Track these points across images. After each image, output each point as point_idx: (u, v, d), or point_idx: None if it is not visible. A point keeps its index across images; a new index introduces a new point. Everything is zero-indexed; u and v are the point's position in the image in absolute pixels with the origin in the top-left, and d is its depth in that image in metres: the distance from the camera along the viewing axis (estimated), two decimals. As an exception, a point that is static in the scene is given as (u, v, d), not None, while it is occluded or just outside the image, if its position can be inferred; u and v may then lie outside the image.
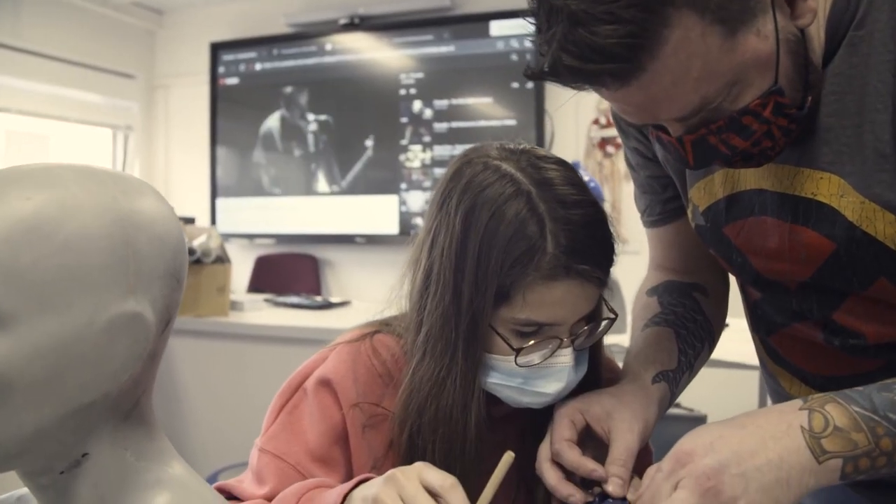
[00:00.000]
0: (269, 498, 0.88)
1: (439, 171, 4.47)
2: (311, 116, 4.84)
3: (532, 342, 0.84)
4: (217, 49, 5.10)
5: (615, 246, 0.86)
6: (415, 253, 0.93)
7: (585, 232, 0.83)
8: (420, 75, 4.54)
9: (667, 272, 1.08)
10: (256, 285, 4.83)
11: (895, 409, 0.72)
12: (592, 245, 0.83)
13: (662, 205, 1.06)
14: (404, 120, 4.58)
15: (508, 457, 0.76)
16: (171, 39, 5.42)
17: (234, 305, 3.12)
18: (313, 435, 0.91)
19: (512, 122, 4.28)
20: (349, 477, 0.91)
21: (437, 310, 0.87)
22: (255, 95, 5.00)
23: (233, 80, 5.08)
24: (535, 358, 0.85)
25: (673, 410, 2.53)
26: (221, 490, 0.91)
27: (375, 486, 0.76)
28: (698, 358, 0.98)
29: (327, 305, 3.37)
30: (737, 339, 1.41)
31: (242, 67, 5.05)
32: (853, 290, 0.83)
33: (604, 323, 0.89)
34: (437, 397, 0.86)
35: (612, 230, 0.86)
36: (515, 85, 4.28)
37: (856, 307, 0.85)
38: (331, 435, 0.91)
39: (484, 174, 0.86)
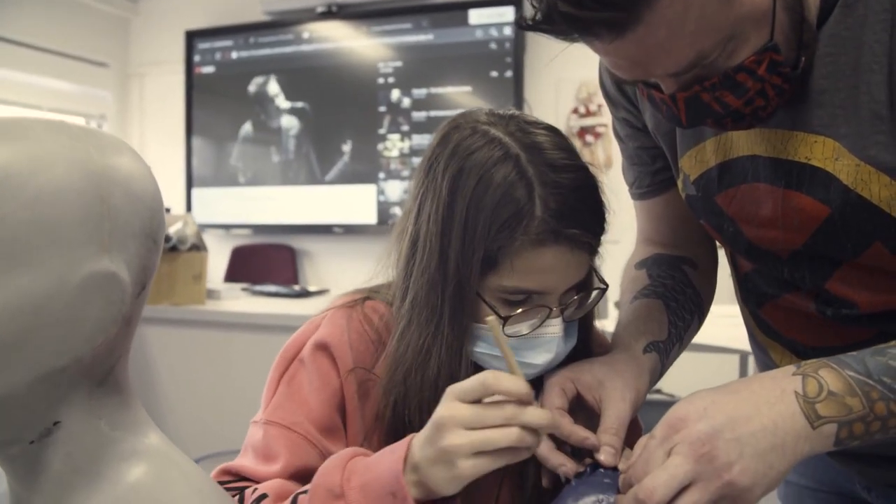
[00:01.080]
0: (285, 474, 0.84)
1: (418, 161, 4.42)
2: (287, 106, 4.79)
3: (520, 311, 0.82)
4: (192, 37, 5.03)
5: (606, 213, 0.84)
6: (402, 221, 0.90)
7: (575, 196, 0.81)
8: (398, 64, 4.51)
9: (655, 245, 1.07)
10: (233, 276, 4.78)
11: (889, 373, 0.71)
12: (582, 209, 0.81)
13: (651, 176, 1.04)
14: (382, 109, 4.54)
15: (490, 322, 0.73)
16: (146, 27, 5.34)
17: (211, 294, 3.08)
18: (316, 403, 0.88)
19: (491, 111, 4.24)
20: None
21: (422, 276, 0.85)
22: (232, 84, 4.94)
23: (209, 69, 5.01)
24: (523, 328, 0.83)
25: (653, 396, 2.54)
26: (228, 472, 0.87)
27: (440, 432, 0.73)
28: (688, 331, 0.97)
29: (305, 294, 3.33)
30: (717, 324, 1.40)
31: (218, 56, 4.99)
32: (846, 258, 0.82)
33: (594, 293, 0.87)
34: (422, 366, 0.84)
35: (602, 196, 0.84)
36: (494, 73, 4.26)
37: (848, 275, 0.84)
38: (332, 402, 0.89)
39: (472, 139, 0.84)
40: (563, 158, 0.82)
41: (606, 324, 1.05)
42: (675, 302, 0.97)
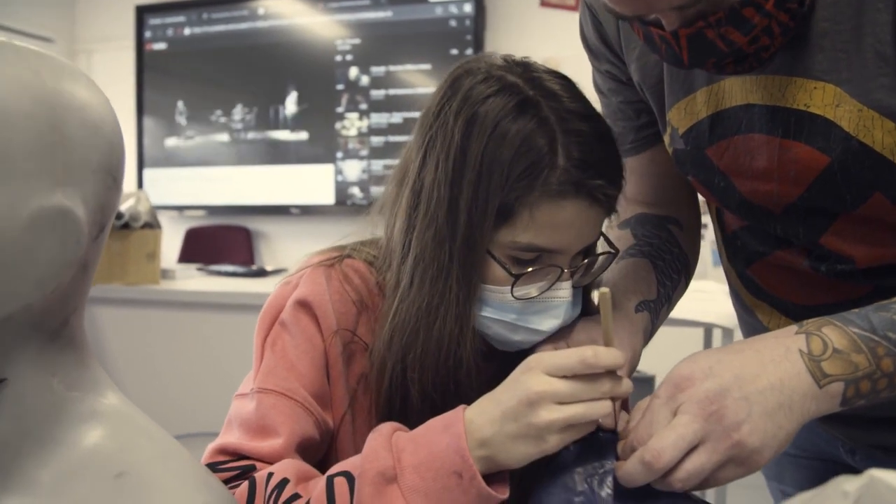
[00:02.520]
0: (289, 447, 0.77)
1: (377, 140, 4.38)
2: (243, 84, 4.67)
3: (531, 269, 0.77)
4: (143, 12, 4.87)
5: (623, 166, 0.80)
6: (400, 170, 0.84)
7: (598, 145, 0.77)
8: (356, 41, 4.42)
9: (638, 205, 1.03)
10: (187, 259, 4.66)
11: (895, 329, 0.68)
12: (605, 159, 0.77)
13: (635, 132, 1.00)
14: (340, 87, 4.45)
15: (603, 294, 0.69)
16: (94, 1, 5.16)
17: (165, 274, 2.98)
18: (304, 367, 0.82)
19: (451, 90, 4.19)
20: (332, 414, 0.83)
21: (428, 230, 0.78)
22: (185, 62, 4.80)
23: (160, 46, 4.87)
24: (532, 290, 0.78)
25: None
26: (224, 451, 0.78)
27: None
28: (676, 291, 0.94)
29: (262, 273, 3.26)
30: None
31: (170, 32, 4.84)
32: (844, 210, 0.79)
33: (603, 258, 0.83)
34: (427, 328, 0.78)
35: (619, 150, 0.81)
36: (455, 51, 4.20)
37: (845, 229, 0.81)
38: (318, 365, 0.82)
39: (487, 84, 0.78)
40: (583, 108, 0.78)
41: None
42: (661, 261, 0.93)
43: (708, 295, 2.34)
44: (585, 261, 0.81)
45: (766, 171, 0.81)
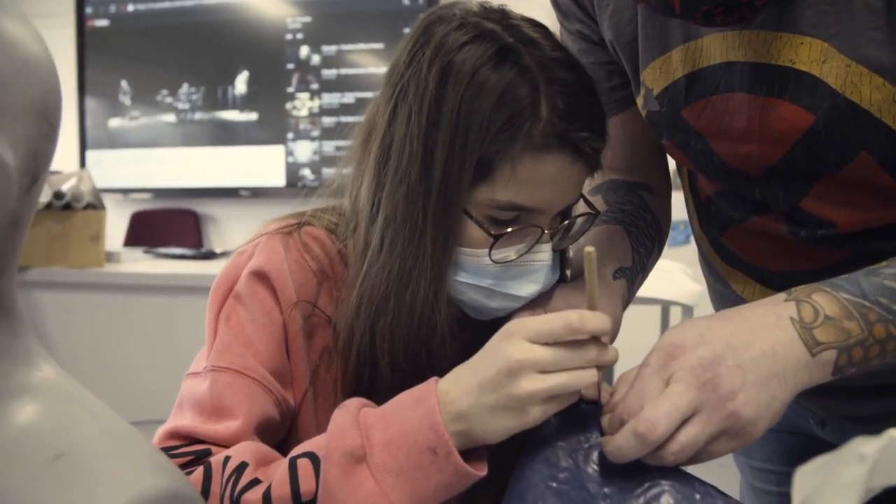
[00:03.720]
0: (247, 429, 0.72)
1: (328, 121, 4.30)
2: (190, 63, 4.54)
3: (510, 230, 0.73)
4: (84, -13, 4.70)
5: (607, 119, 0.76)
6: (366, 126, 0.79)
7: (584, 96, 0.73)
8: (307, 19, 4.32)
9: (609, 171, 0.99)
10: (133, 243, 4.52)
11: (885, 294, 0.66)
12: (590, 111, 0.73)
13: (607, 94, 0.96)
14: (290, 66, 4.35)
15: (589, 253, 0.65)
16: (31, -24, 4.97)
17: (110, 257, 2.88)
18: (262, 343, 0.76)
19: (405, 69, 4.13)
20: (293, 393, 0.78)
21: (400, 187, 0.73)
22: (128, 39, 4.65)
23: (102, 23, 4.70)
24: (510, 253, 0.74)
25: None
26: (175, 435, 0.73)
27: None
28: (650, 258, 0.91)
29: (212, 255, 3.17)
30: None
31: (113, 8, 4.67)
32: (826, 172, 0.76)
33: (582, 219, 0.79)
34: (399, 293, 0.73)
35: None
36: (407, 30, 4.11)
37: (826, 192, 0.78)
38: (277, 340, 0.77)
39: (462, 31, 0.74)
40: (565, 56, 0.74)
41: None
42: (635, 228, 0.90)
43: (664, 273, 2.33)
44: (566, 222, 0.77)
45: (747, 131, 0.78)
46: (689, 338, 0.64)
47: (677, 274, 2.34)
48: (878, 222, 0.78)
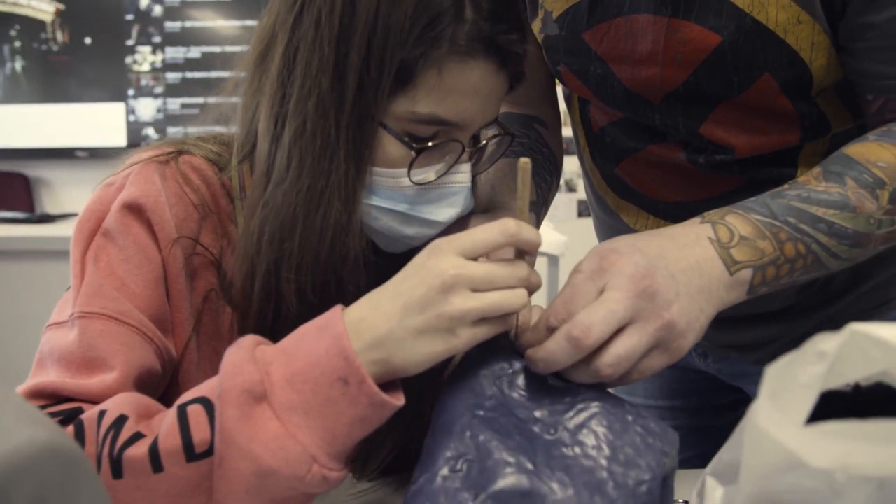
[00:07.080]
0: (125, 382, 0.63)
1: (172, 77, 4.06)
2: (13, 12, 4.15)
3: (431, 144, 0.68)
4: None
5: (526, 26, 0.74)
6: (258, 43, 0.72)
7: None
8: (146, -33, 4.05)
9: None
10: (-48, 210, 4.13)
11: (793, 213, 0.67)
12: (516, 12, 0.69)
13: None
14: (129, 17, 4.06)
15: (524, 163, 0.60)
16: None
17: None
18: (138, 285, 0.68)
19: (254, 23, 3.95)
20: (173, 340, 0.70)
21: (309, 98, 0.66)
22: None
23: None
24: (429, 174, 0.70)
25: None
26: (40, 394, 0.62)
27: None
28: (550, 191, 0.89)
29: (47, 218, 2.93)
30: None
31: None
32: (728, 95, 0.77)
33: (497, 141, 0.76)
34: (307, 216, 0.66)
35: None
36: (256, -18, 3.95)
37: (726, 116, 0.79)
38: (155, 281, 0.69)
39: None
40: None
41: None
42: (534, 162, 0.88)
43: (527, 225, 2.34)
44: (484, 142, 0.73)
45: (651, 54, 0.77)
46: (622, 246, 0.62)
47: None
48: (774, 147, 0.80)
